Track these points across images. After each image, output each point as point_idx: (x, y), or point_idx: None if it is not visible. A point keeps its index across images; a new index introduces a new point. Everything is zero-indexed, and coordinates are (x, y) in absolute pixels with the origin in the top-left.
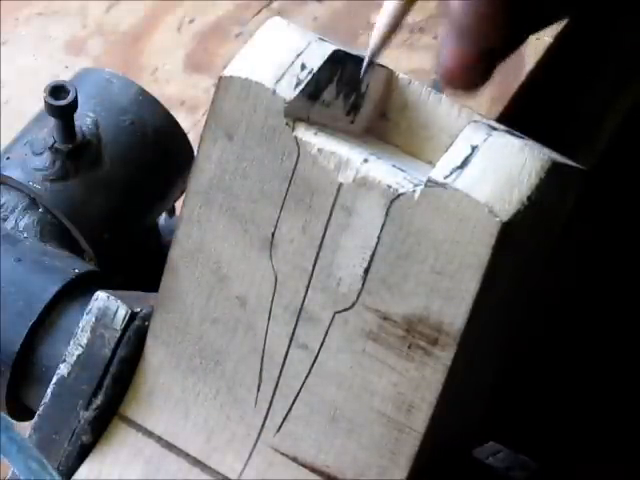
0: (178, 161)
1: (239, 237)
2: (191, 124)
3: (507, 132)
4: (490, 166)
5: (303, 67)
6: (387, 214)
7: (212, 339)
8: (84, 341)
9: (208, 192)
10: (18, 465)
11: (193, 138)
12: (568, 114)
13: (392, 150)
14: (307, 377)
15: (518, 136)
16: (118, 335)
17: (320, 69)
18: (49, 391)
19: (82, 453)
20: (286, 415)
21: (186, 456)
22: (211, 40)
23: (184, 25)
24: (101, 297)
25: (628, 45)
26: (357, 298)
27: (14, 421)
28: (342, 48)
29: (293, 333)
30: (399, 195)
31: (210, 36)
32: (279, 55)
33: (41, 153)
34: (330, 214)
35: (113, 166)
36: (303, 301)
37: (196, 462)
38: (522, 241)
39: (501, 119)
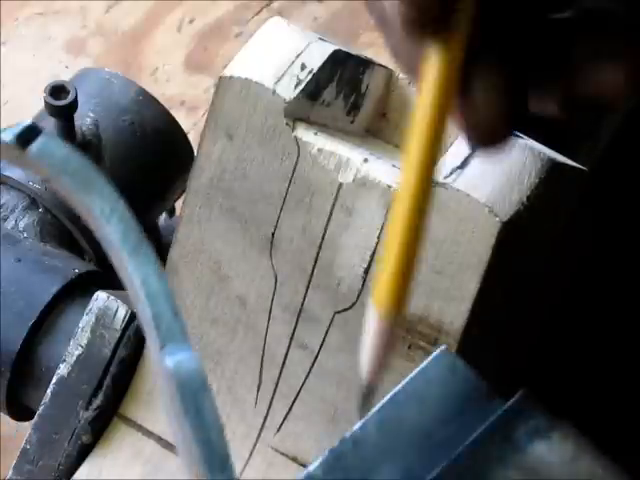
0: (178, 161)
1: (239, 237)
2: (191, 124)
3: None
4: (490, 166)
5: (303, 67)
6: (387, 214)
7: (212, 339)
8: (84, 341)
9: (208, 192)
10: (115, 234)
11: (193, 138)
12: None
13: (392, 150)
14: (307, 377)
15: (518, 136)
16: (118, 335)
17: (320, 69)
18: (49, 391)
19: (82, 453)
20: (286, 415)
21: None
22: (211, 40)
23: (184, 25)
24: (101, 297)
25: None
26: (357, 298)
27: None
28: (342, 48)
29: (293, 333)
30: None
31: (210, 36)
32: (279, 55)
33: None
34: (330, 214)
35: (113, 166)
36: (303, 301)
37: None
38: (522, 241)
39: None
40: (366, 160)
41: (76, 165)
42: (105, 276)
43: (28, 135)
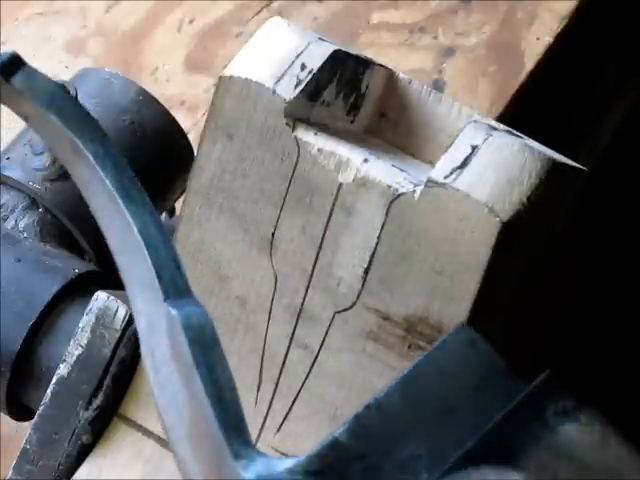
0: (178, 161)
1: (239, 237)
2: (191, 124)
3: (507, 132)
4: (490, 166)
5: (303, 67)
6: (387, 214)
7: None
8: (84, 341)
9: (208, 192)
10: (111, 179)
11: (193, 138)
12: (568, 113)
13: (392, 150)
14: (307, 377)
15: (518, 136)
16: (118, 335)
17: (320, 69)
18: (49, 391)
19: (82, 453)
20: (286, 415)
21: None
22: (211, 40)
23: (184, 25)
24: (101, 297)
25: (627, 45)
26: (357, 298)
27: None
28: (342, 48)
29: (293, 333)
30: (399, 195)
31: (210, 36)
32: (279, 55)
33: (41, 153)
34: (330, 214)
35: None
36: (303, 301)
37: None
38: (522, 241)
39: (501, 119)
40: (366, 160)
41: (64, 102)
42: (105, 276)
43: (11, 65)
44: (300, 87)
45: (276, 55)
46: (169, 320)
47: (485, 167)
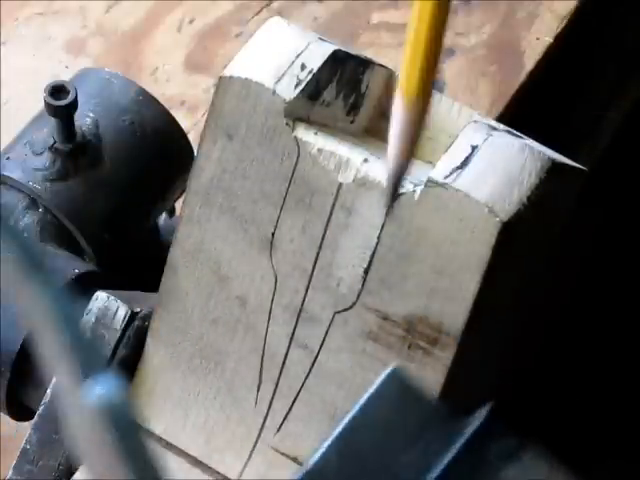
0: (178, 161)
1: (239, 237)
2: (191, 124)
3: (507, 132)
4: (490, 166)
5: (303, 67)
6: (387, 214)
7: (212, 339)
8: None
9: (208, 192)
10: (17, 250)
11: (193, 138)
12: (568, 113)
13: None
14: (307, 377)
15: (518, 136)
16: (118, 335)
17: (320, 69)
18: (49, 391)
19: None
20: (286, 415)
21: (186, 456)
22: (211, 40)
23: (184, 25)
24: (101, 297)
25: (628, 45)
26: (357, 298)
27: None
28: (342, 48)
29: (293, 333)
30: (399, 195)
31: (210, 36)
32: (279, 55)
33: (41, 153)
34: (330, 214)
35: (113, 166)
36: (303, 301)
37: (196, 462)
38: (522, 241)
39: (501, 119)
40: (366, 160)
41: None
42: (105, 276)
43: None
44: (300, 87)
45: (276, 55)
46: (86, 404)
47: (485, 167)
